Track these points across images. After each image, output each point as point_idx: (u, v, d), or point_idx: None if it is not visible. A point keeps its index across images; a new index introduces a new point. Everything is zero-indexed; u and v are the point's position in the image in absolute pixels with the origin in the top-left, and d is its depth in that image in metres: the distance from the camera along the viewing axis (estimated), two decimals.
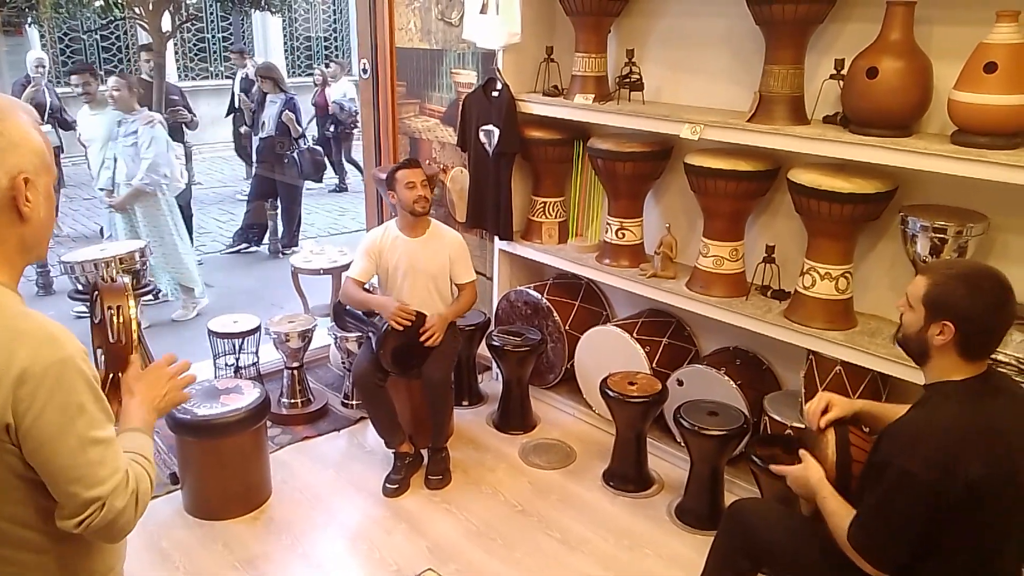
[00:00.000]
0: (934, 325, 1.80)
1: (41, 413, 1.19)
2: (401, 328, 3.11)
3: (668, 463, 3.40)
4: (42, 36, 10.62)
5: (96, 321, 1.57)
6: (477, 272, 3.47)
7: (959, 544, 1.77)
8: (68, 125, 7.12)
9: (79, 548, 1.35)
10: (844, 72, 2.64)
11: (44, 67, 7.31)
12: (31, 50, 7.57)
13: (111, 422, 1.30)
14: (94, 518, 1.24)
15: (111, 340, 1.55)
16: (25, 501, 1.26)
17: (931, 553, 1.77)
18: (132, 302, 1.57)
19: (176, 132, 6.48)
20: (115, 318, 1.54)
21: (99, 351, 1.59)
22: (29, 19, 8.73)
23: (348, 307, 3.40)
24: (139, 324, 1.60)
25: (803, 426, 2.76)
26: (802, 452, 2.10)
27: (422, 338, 3.17)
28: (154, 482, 1.38)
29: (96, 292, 1.61)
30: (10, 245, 1.27)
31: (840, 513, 1.89)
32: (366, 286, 3.38)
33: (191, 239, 6.85)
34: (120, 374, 1.54)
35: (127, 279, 3.12)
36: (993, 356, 2.25)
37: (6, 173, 1.22)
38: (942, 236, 2.49)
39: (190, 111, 6.61)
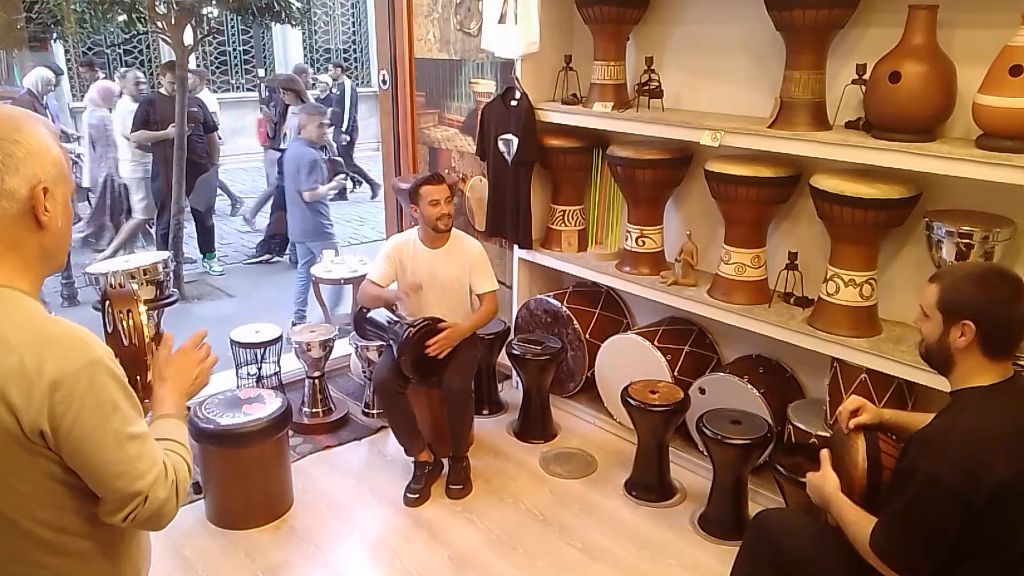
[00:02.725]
0: (954, 328, 1.80)
1: (78, 415, 1.22)
2: (425, 322, 3.13)
3: (691, 472, 3.37)
4: (66, 51, 10.78)
5: (109, 331, 1.59)
6: (495, 289, 3.44)
7: (986, 550, 1.74)
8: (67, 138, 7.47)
9: (113, 551, 1.38)
10: (866, 77, 2.62)
11: (51, 86, 7.51)
12: (36, 68, 7.67)
13: (142, 416, 1.33)
14: (139, 510, 1.28)
15: (124, 344, 1.57)
16: (61, 505, 1.29)
17: (957, 559, 1.74)
18: (142, 307, 1.60)
19: (198, 146, 6.59)
20: (125, 322, 1.57)
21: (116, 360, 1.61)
22: (55, 34, 8.87)
23: (368, 315, 3.40)
24: (150, 326, 1.62)
25: (828, 434, 2.73)
26: (823, 456, 2.08)
27: (427, 350, 3.14)
28: (191, 467, 1.41)
29: (107, 300, 1.63)
30: (31, 253, 1.29)
31: (859, 522, 1.86)
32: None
33: (213, 250, 6.96)
34: (137, 377, 1.56)
35: (135, 284, 3.14)
36: (1021, 363, 2.23)
37: (25, 182, 1.24)
38: (968, 241, 2.45)
39: (208, 126, 6.66)
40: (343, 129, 9.17)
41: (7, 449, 1.21)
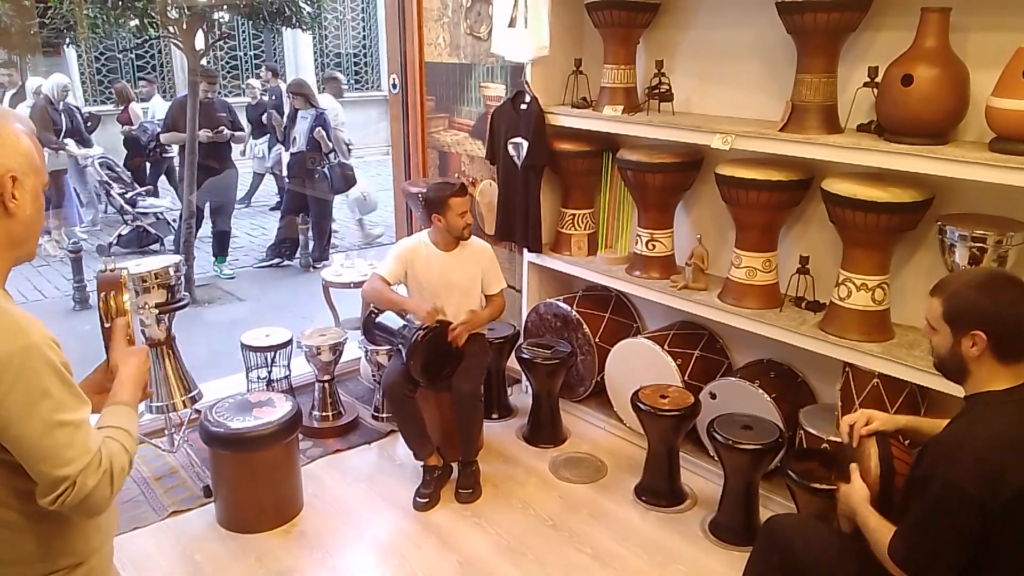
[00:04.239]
0: (964, 339, 1.78)
1: (6, 397, 1.26)
2: (435, 325, 3.11)
3: (701, 478, 3.36)
4: (79, 56, 10.85)
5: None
6: (507, 285, 3.46)
7: (1006, 557, 1.72)
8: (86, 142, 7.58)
9: (57, 528, 1.42)
10: (878, 80, 2.60)
11: (68, 91, 7.60)
12: (53, 75, 7.77)
13: (85, 405, 1.37)
14: (67, 495, 1.31)
15: (105, 325, 1.60)
16: (2, 481, 1.34)
17: (976, 567, 1.73)
18: (126, 294, 1.64)
19: (223, 149, 6.66)
20: (107, 303, 1.61)
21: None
22: (67, 39, 8.95)
23: (378, 319, 3.40)
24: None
25: (840, 440, 2.71)
26: (853, 468, 2.06)
27: (450, 336, 3.16)
28: (133, 457, 1.43)
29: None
30: None
31: (881, 531, 1.85)
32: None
33: (226, 254, 7.00)
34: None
35: (125, 271, 3.17)
36: None
37: None
38: (981, 245, 2.43)
39: (236, 127, 6.77)
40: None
41: None
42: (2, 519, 1.36)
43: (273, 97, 8.84)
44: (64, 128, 7.42)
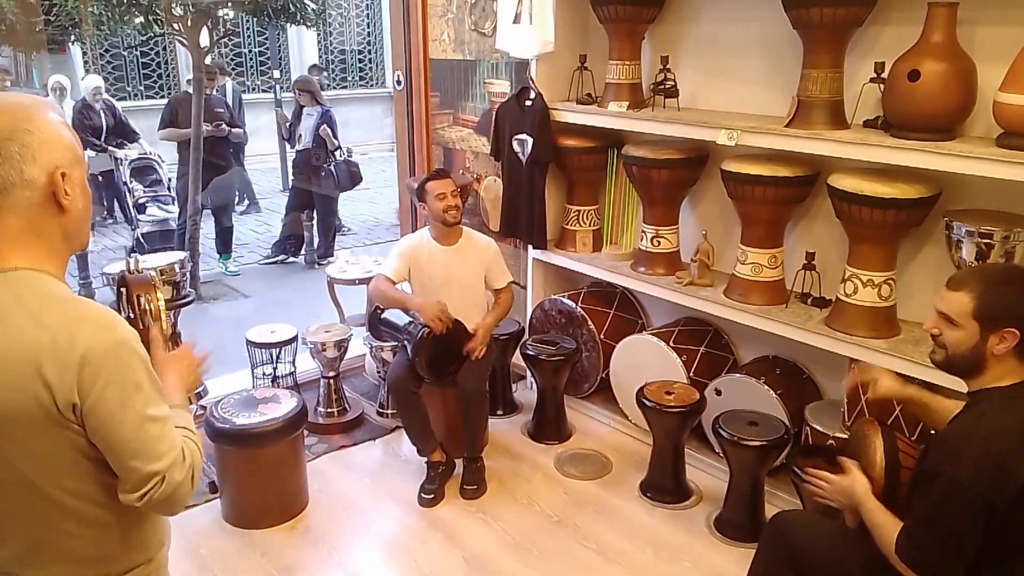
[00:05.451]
0: (993, 336, 1.75)
1: (103, 392, 1.25)
2: (439, 333, 3.11)
3: (706, 474, 3.35)
4: (84, 54, 10.87)
5: (131, 317, 1.61)
6: (511, 281, 3.46)
7: (1012, 552, 1.72)
8: (132, 138, 7.42)
9: (136, 523, 1.42)
10: (885, 75, 2.59)
11: (101, 92, 7.56)
12: (87, 75, 7.75)
13: (165, 400, 1.37)
14: (155, 491, 1.30)
15: (140, 327, 1.60)
16: (88, 477, 1.33)
17: (983, 563, 1.72)
18: (159, 293, 1.63)
19: (220, 145, 6.64)
20: (145, 305, 1.61)
21: None
22: (72, 37, 8.96)
23: (383, 316, 3.40)
24: (167, 324, 1.64)
25: (846, 436, 2.71)
26: (844, 461, 2.06)
27: (466, 353, 3.19)
28: (203, 456, 1.43)
29: (124, 287, 1.64)
30: (55, 237, 1.33)
31: (887, 526, 1.84)
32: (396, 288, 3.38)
33: (230, 251, 7.00)
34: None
35: (152, 271, 3.16)
36: None
37: (43, 169, 1.28)
38: (988, 241, 2.42)
39: (233, 124, 6.74)
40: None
41: (41, 423, 1.25)
42: (93, 517, 1.35)
43: (222, 95, 8.72)
44: (105, 127, 7.33)
